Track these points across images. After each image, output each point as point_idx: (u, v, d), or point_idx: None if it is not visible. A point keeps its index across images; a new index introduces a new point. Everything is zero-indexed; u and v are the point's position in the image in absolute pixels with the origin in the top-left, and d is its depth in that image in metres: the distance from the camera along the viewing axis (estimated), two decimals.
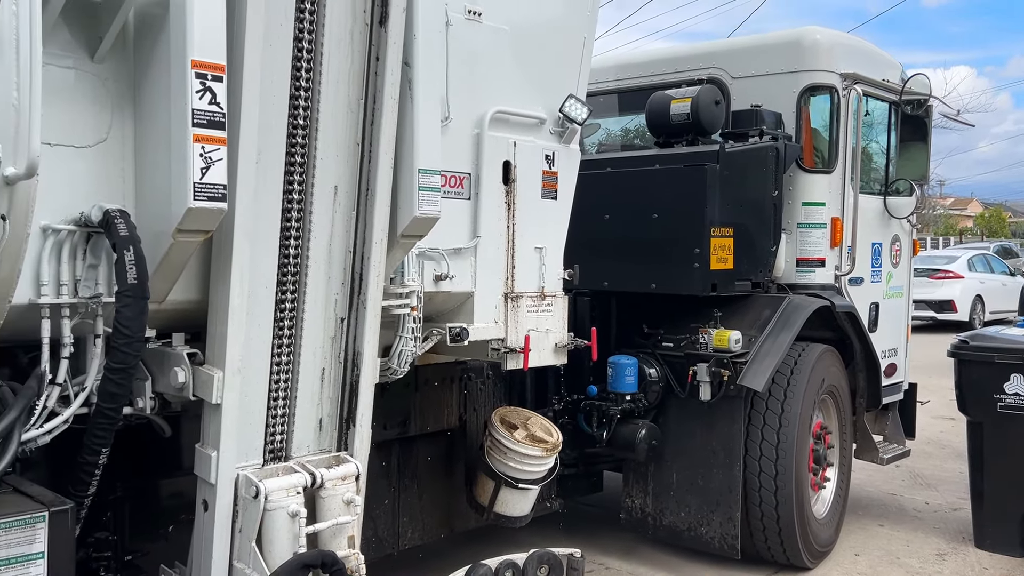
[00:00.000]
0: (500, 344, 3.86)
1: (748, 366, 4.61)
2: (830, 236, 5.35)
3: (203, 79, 2.47)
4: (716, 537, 4.76)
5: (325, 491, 2.94)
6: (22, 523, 2.36)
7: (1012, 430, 5.08)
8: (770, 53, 5.44)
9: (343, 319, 3.12)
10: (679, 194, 4.65)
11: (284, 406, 3.00)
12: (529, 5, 3.89)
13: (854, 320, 5.37)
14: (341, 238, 3.05)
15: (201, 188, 2.47)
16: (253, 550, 2.79)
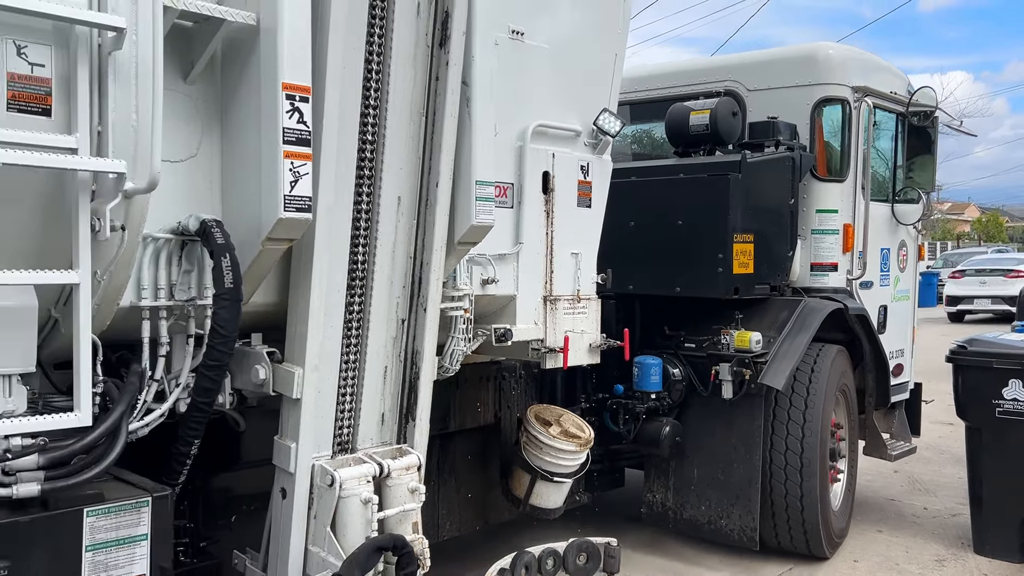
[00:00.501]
0: (540, 344, 4.09)
1: (768, 366, 4.85)
2: (842, 242, 5.60)
3: (292, 100, 2.70)
4: (736, 529, 5.00)
5: (391, 480, 3.16)
6: (130, 507, 2.57)
7: (1011, 436, 5.07)
8: (784, 67, 5.69)
9: (403, 320, 3.34)
10: (703, 202, 4.89)
11: (351, 401, 3.22)
12: (566, 25, 4.12)
13: (865, 322, 5.62)
14: (403, 245, 3.28)
15: (290, 200, 2.70)
16: (328, 535, 3.01)
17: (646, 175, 5.13)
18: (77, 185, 2.28)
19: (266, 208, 2.72)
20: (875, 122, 5.81)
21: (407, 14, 3.11)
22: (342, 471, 3.03)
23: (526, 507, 4.51)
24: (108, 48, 2.31)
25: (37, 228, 2.35)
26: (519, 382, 4.82)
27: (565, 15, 4.09)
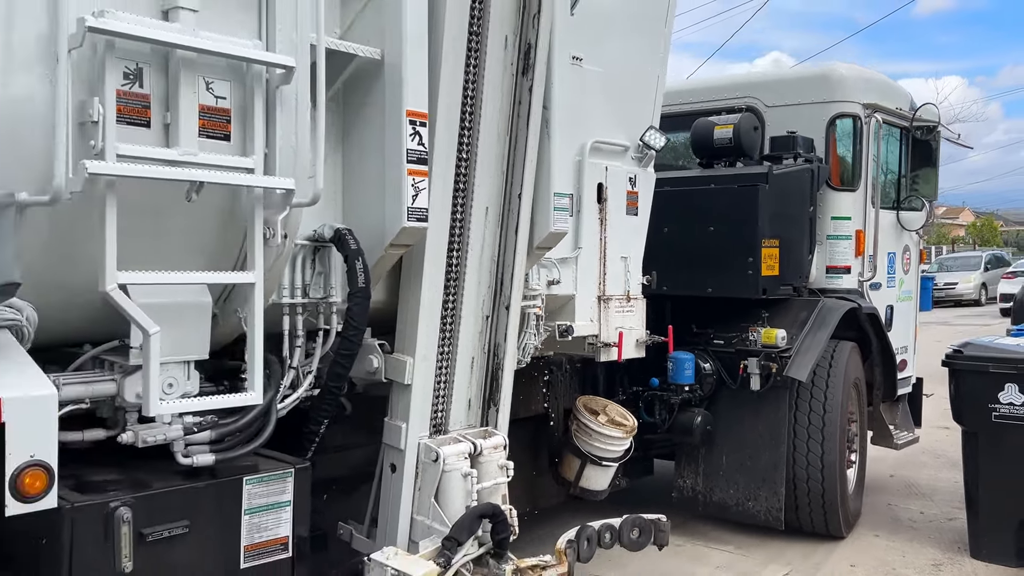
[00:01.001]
0: (595, 339, 4.52)
1: (792, 360, 5.30)
2: (854, 246, 6.07)
3: (414, 124, 3.12)
4: (762, 511, 5.45)
5: (483, 457, 3.58)
6: (278, 477, 2.97)
7: (1006, 440, 5.06)
8: (801, 85, 6.17)
9: (487, 316, 3.76)
10: (733, 210, 5.34)
11: (445, 388, 3.63)
12: (617, 50, 4.55)
13: (875, 321, 6.10)
14: (489, 250, 3.69)
15: (412, 211, 3.12)
16: (433, 505, 3.42)
17: (679, 185, 5.57)
18: (253, 199, 2.69)
19: (390, 218, 3.14)
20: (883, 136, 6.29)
21: (496, 47, 3.53)
22: (445, 448, 3.44)
23: (576, 489, 4.93)
24: (276, 83, 2.72)
25: (211, 236, 2.75)
26: (564, 376, 5.23)
27: (616, 42, 4.52)
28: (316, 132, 2.76)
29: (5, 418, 2.13)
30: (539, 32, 3.61)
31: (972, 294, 28.30)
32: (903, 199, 6.65)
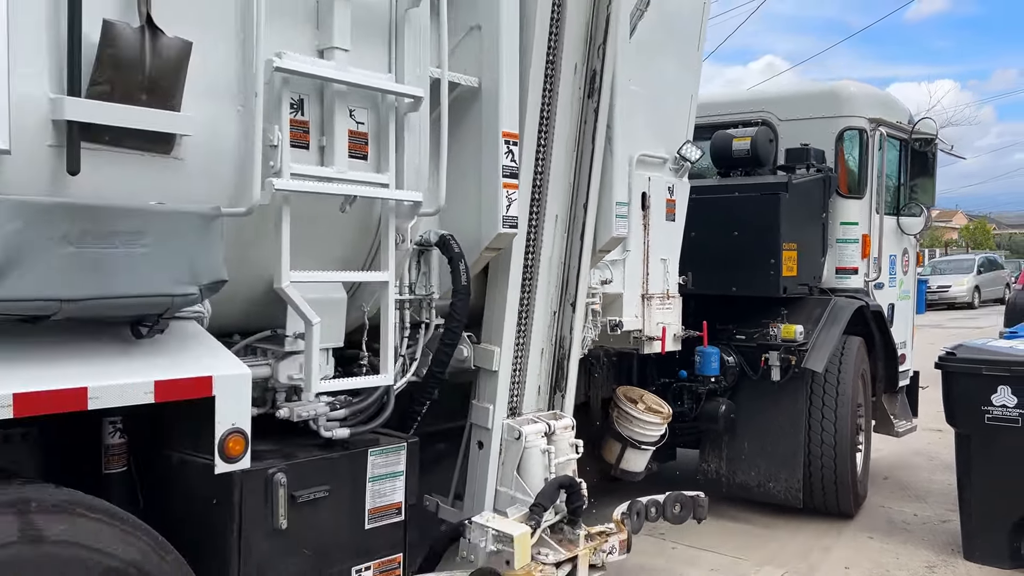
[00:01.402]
0: (640, 333, 5.01)
1: (809, 353, 5.82)
2: (861, 249, 6.61)
3: (508, 144, 3.58)
4: (782, 491, 5.96)
5: (556, 436, 4.04)
6: (394, 450, 3.41)
7: (999, 442, 5.08)
8: (812, 101, 6.69)
9: (555, 312, 4.23)
10: (757, 216, 5.85)
11: (520, 375, 4.09)
12: (658, 73, 5.03)
13: (879, 317, 6.63)
14: (558, 253, 4.16)
15: (506, 219, 3.58)
16: (516, 477, 3.88)
17: (704, 193, 6.07)
18: (387, 210, 3.14)
19: (486, 225, 3.60)
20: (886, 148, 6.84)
21: (568, 73, 4.00)
22: (526, 428, 3.91)
23: (616, 471, 5.41)
24: (404, 110, 3.17)
25: (348, 241, 3.20)
26: (602, 368, 5.71)
27: (658, 65, 5.00)
28: (440, 152, 3.21)
29: (215, 392, 2.57)
30: (604, 60, 4.09)
31: (965, 297, 28.25)
32: (903, 206, 7.20)
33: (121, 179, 2.47)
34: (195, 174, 2.65)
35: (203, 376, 2.56)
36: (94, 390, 2.31)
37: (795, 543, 5.66)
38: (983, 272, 29.67)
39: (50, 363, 2.33)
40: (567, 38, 3.93)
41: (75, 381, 2.30)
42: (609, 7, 4.05)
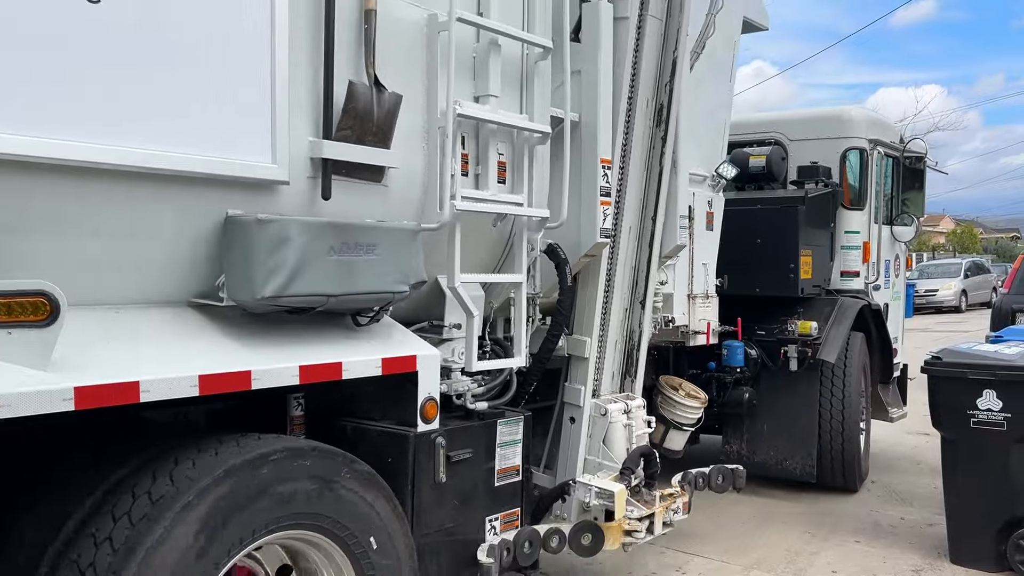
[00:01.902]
0: (687, 328, 5.78)
1: (823, 346, 6.64)
2: (862, 255, 7.46)
3: (604, 168, 4.33)
4: (798, 468, 6.77)
5: (632, 414, 4.79)
6: (515, 422, 4.12)
7: (985, 446, 5.11)
8: (819, 124, 7.54)
9: (626, 309, 4.98)
10: (778, 226, 6.66)
11: (600, 363, 4.83)
12: (703, 102, 5.81)
13: (878, 315, 7.49)
14: (631, 259, 4.91)
15: (603, 231, 4.33)
16: (602, 447, 4.62)
17: (731, 205, 6.86)
18: (521, 224, 3.87)
19: (586, 235, 4.34)
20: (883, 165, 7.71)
21: (642, 107, 4.76)
22: (610, 406, 4.66)
23: (660, 449, 6.16)
24: (533, 143, 3.90)
25: (486, 249, 3.92)
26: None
27: (703, 95, 5.78)
28: (564, 177, 3.95)
29: (418, 368, 3.28)
30: (671, 95, 4.85)
31: (952, 301, 28.42)
32: (896, 216, 8.08)
33: (351, 203, 3.17)
34: (395, 198, 3.35)
35: (410, 355, 3.27)
36: (347, 364, 3.02)
37: (783, 547, 5.73)
38: (970, 276, 29.69)
39: (308, 345, 3.02)
40: (642, 78, 4.69)
41: (333, 357, 3.00)
42: (675, 52, 4.81)
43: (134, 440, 2.82)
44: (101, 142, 2.43)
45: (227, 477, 2.61)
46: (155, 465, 2.63)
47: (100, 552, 2.40)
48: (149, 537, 2.41)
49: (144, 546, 2.40)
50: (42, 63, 2.32)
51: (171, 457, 2.64)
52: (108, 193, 2.54)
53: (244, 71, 2.78)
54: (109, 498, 2.55)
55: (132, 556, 2.38)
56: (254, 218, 2.76)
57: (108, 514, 2.49)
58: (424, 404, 3.32)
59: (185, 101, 2.64)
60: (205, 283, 2.90)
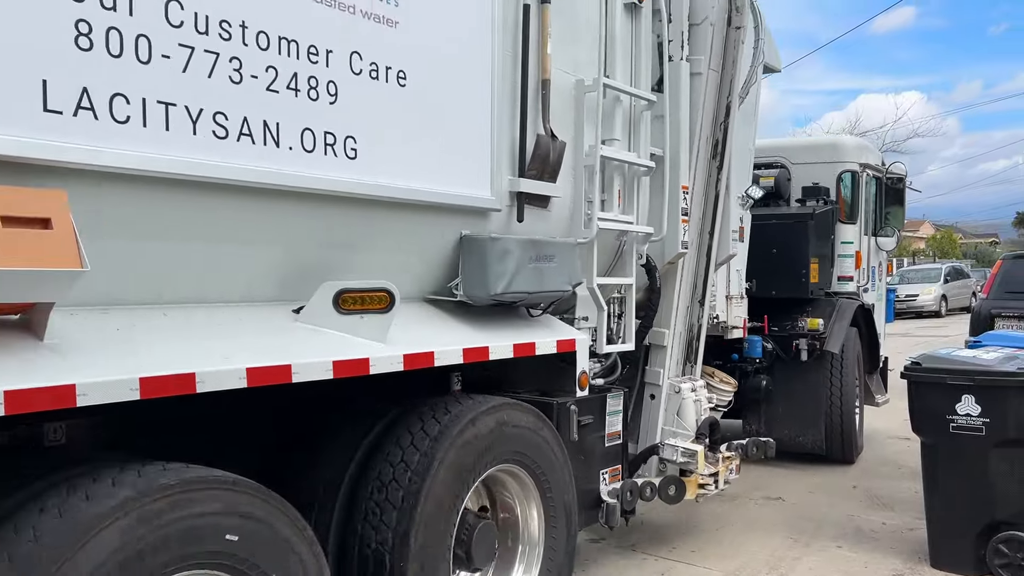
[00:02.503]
0: (726, 323, 6.91)
1: (828, 339, 7.84)
2: (855, 262, 8.70)
3: (684, 192, 5.43)
4: (809, 443, 7.95)
5: (697, 392, 5.89)
6: (617, 395, 5.17)
7: (964, 450, 5.16)
8: (817, 150, 8.78)
9: (688, 307, 6.08)
10: (791, 237, 7.84)
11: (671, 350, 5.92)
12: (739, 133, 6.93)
13: (868, 313, 8.74)
14: (693, 266, 6.01)
15: (683, 243, 5.43)
16: (676, 419, 5.70)
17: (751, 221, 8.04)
18: (632, 238, 4.94)
19: (669, 247, 5.43)
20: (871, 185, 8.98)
21: (704, 143, 5.87)
22: (682, 385, 5.75)
23: None
24: (640, 175, 4.98)
25: (605, 258, 4.98)
26: None
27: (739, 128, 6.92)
28: (664, 201, 5.04)
29: (577, 348, 4.32)
30: (725, 132, 5.98)
31: (932, 305, 28.57)
32: (880, 229, 9.36)
33: (529, 223, 4.20)
34: (552, 219, 4.40)
35: (571, 339, 4.32)
36: (539, 344, 4.05)
37: (765, 553, 5.80)
38: (950, 281, 29.90)
39: (507, 330, 4.05)
40: (705, 120, 5.81)
41: (528, 339, 4.03)
42: (729, 97, 5.94)
43: (395, 394, 3.82)
44: (388, 180, 3.42)
45: (488, 415, 3.65)
46: (422, 410, 3.65)
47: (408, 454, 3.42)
48: (440, 453, 3.43)
49: (436, 461, 3.42)
50: (369, 127, 3.31)
51: (438, 403, 3.68)
52: (386, 219, 3.53)
53: (474, 130, 3.81)
54: (392, 429, 3.58)
55: (431, 463, 3.41)
56: (488, 236, 3.79)
57: (394, 443, 3.50)
58: (579, 376, 4.37)
59: (437, 152, 3.66)
60: (437, 284, 3.91)
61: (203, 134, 2.71)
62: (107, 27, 2.45)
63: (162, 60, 2.59)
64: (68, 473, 2.40)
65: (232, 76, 2.79)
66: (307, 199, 3.11)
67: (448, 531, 3.52)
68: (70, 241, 2.29)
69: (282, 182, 2.97)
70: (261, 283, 3.15)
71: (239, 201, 2.90)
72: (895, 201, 9.39)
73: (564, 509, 4.25)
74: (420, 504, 3.35)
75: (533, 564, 4.11)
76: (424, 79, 3.52)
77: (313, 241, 3.25)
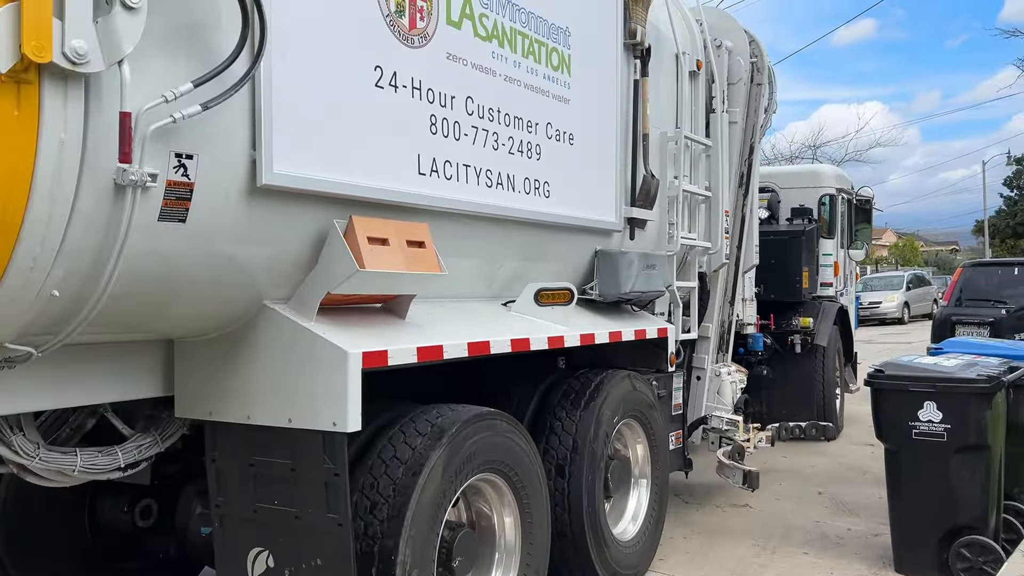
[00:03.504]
0: (742, 321, 8.41)
1: (817, 335, 9.45)
2: (833, 271, 10.35)
3: (725, 216, 6.93)
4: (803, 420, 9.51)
5: (732, 375, 7.36)
6: (680, 375, 6.61)
7: (926, 456, 5.21)
8: (801, 176, 10.44)
9: (721, 307, 7.57)
10: (787, 251, 9.42)
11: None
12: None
13: (844, 314, 10.39)
14: (724, 273, 7.49)
15: (726, 256, 6.92)
16: (717, 396, 7.17)
17: None
18: (694, 252, 6.41)
19: (716, 258, 6.91)
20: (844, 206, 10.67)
21: (734, 176, 7.37)
22: (722, 369, 7.23)
23: None
24: (699, 202, 6.46)
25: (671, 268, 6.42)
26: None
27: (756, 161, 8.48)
28: (719, 223, 6.53)
29: (668, 335, 5.75)
30: (750, 164, 7.50)
31: (895, 312, 29.06)
32: (851, 243, 11.05)
33: (636, 241, 5.62)
34: (648, 238, 5.82)
35: (664, 327, 5.74)
36: (649, 331, 5.47)
37: (732, 561, 5.80)
38: (912, 288, 30.36)
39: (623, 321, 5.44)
40: (735, 155, 7.33)
41: (640, 327, 5.44)
42: (752, 138, 7.48)
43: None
44: (564, 211, 4.79)
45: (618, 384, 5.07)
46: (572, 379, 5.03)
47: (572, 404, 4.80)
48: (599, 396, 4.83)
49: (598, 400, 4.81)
50: (555, 174, 4.68)
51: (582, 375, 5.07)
52: (557, 238, 4.92)
53: (607, 172, 5.22)
54: (555, 386, 4.96)
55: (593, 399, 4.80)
56: (619, 251, 5.21)
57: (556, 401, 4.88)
58: (669, 356, 5.80)
59: (586, 189, 5.05)
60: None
61: (482, 184, 4.08)
62: (441, 119, 3.81)
63: (464, 137, 3.95)
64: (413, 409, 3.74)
65: (493, 144, 4.16)
66: (525, 226, 4.49)
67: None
68: (433, 255, 3.64)
69: (518, 215, 4.35)
70: (487, 284, 4.51)
71: (494, 227, 4.27)
72: (864, 219, 11.11)
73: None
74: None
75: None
76: (582, 138, 4.93)
77: (521, 255, 4.63)
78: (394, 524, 3.34)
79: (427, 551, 3.46)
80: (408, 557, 3.35)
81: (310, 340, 3.19)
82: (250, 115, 2.91)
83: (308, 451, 3.20)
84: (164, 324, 3.18)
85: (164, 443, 3.66)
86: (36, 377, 2.92)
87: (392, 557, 3.31)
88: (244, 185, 2.92)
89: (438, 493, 3.52)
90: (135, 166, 2.46)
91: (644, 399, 5.43)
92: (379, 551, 3.32)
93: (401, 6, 3.55)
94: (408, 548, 3.34)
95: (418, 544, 3.40)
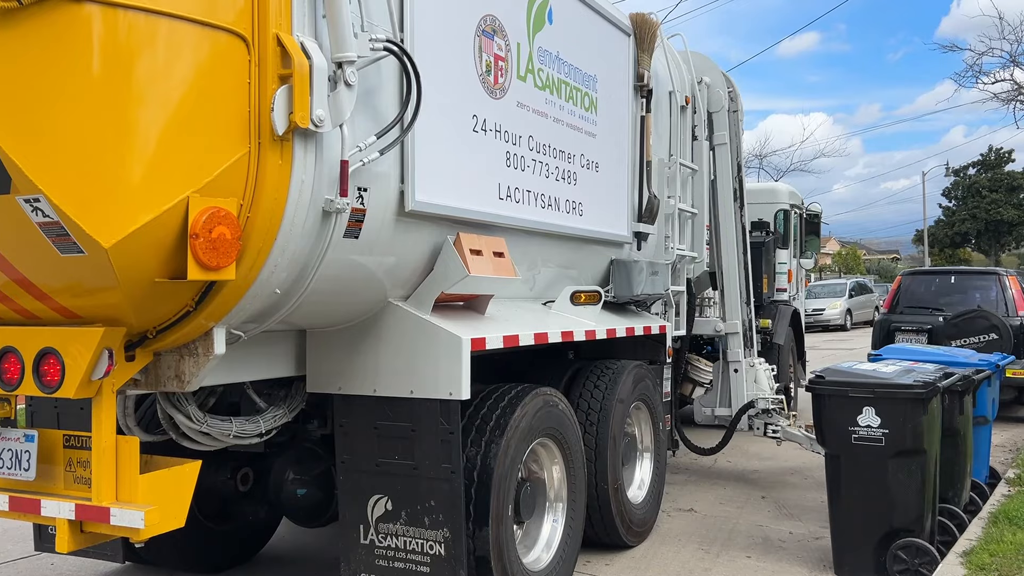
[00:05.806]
0: None
1: (775, 335, 10.61)
2: (787, 278, 11.57)
3: (707, 229, 8.00)
4: None
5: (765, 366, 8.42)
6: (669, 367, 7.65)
7: (865, 460, 5.30)
8: (761, 193, 11.64)
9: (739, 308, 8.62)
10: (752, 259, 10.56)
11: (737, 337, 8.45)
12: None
13: (797, 316, 11.61)
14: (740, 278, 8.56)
15: (707, 263, 8.00)
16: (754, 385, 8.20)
17: None
18: (684, 260, 7.46)
19: (699, 265, 7.97)
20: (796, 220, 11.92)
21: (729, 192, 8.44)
22: (755, 361, 8.29)
23: (690, 400, 9.84)
24: (688, 217, 7.52)
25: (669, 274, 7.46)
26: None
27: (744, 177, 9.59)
28: (702, 236, 7.60)
29: (666, 331, 6.77)
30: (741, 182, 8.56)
31: (838, 319, 29.38)
32: (801, 253, 12.31)
33: (641, 252, 6.63)
34: (648, 248, 6.84)
35: (664, 324, 6.77)
36: (653, 327, 6.48)
37: (676, 565, 5.83)
38: (854, 296, 30.87)
39: (632, 319, 6.44)
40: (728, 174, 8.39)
41: (645, 324, 6.45)
42: (739, 158, 8.57)
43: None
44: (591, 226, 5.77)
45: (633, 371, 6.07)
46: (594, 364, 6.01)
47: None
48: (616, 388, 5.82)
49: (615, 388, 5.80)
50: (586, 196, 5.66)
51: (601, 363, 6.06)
52: (585, 249, 5.90)
53: (621, 193, 6.23)
54: (580, 372, 5.93)
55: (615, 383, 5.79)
56: (630, 259, 6.22)
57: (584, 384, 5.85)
58: (666, 350, 6.84)
59: (605, 207, 6.05)
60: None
61: (537, 205, 5.04)
62: (513, 154, 4.76)
63: (527, 168, 4.91)
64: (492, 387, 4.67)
65: (545, 173, 5.13)
66: (564, 239, 5.47)
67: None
68: (510, 263, 4.59)
69: (560, 231, 5.33)
70: (530, 288, 5.46)
71: (543, 240, 5.24)
72: (813, 231, 12.38)
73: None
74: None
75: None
76: (604, 165, 5.93)
77: (557, 263, 5.60)
78: (485, 476, 4.27)
79: (508, 500, 4.39)
80: (497, 501, 4.28)
81: (431, 330, 4.11)
82: (399, 157, 3.83)
83: (428, 415, 4.10)
84: (325, 316, 4.06)
85: (291, 414, 4.51)
86: (226, 358, 3.77)
87: (487, 500, 4.24)
88: (395, 209, 3.84)
89: (517, 452, 4.46)
90: (341, 198, 3.35)
91: (650, 385, 6.44)
92: (476, 496, 4.25)
93: (490, 66, 4.50)
94: (495, 496, 4.27)
95: (502, 493, 4.33)
